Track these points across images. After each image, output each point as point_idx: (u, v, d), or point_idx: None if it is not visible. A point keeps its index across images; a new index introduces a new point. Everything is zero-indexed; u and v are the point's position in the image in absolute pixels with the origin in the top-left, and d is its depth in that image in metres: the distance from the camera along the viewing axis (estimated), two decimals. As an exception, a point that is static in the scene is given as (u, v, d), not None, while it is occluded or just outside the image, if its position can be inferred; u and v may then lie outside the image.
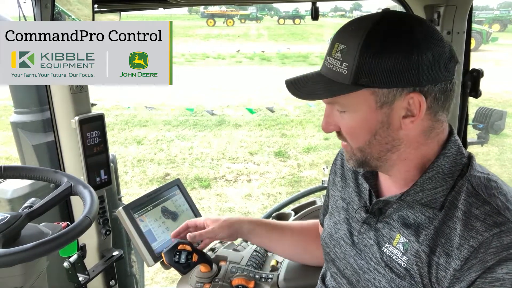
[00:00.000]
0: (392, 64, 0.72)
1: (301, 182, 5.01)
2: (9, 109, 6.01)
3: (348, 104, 0.78)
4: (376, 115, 0.76)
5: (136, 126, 7.19)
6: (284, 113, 8.08)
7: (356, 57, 0.73)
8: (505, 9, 28.81)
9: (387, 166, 0.83)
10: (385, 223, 0.85)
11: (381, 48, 0.72)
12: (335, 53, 0.76)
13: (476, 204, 0.73)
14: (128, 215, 1.18)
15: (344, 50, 0.75)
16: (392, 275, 0.80)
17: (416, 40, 0.73)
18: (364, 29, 0.74)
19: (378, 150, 0.80)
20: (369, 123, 0.78)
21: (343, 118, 0.80)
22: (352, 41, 0.74)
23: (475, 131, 4.09)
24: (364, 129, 0.79)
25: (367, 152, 0.81)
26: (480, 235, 0.70)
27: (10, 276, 0.98)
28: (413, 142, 0.79)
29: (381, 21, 0.75)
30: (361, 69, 0.73)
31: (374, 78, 0.73)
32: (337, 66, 0.75)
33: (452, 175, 0.78)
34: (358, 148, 0.81)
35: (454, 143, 0.81)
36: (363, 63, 0.72)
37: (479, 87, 1.40)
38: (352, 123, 0.79)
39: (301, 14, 33.40)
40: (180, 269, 1.14)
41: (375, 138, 0.79)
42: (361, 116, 0.77)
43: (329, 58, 0.78)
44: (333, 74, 0.76)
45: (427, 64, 0.72)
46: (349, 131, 0.81)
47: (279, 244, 1.20)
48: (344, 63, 0.74)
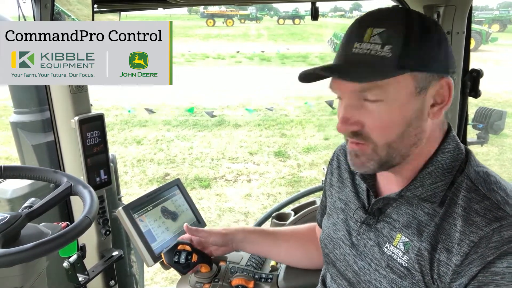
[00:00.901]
0: (431, 48, 0.73)
1: (301, 182, 5.01)
2: (9, 109, 6.00)
3: (387, 90, 0.73)
4: (414, 102, 0.75)
5: (136, 126, 7.19)
6: (284, 113, 8.08)
7: (402, 39, 0.72)
8: (504, 9, 28.83)
9: (404, 164, 0.80)
10: (385, 223, 0.85)
11: (421, 32, 0.73)
12: (369, 38, 0.73)
13: (476, 199, 0.74)
14: (128, 215, 1.18)
15: (384, 33, 0.72)
16: (393, 276, 0.80)
17: (440, 31, 0.76)
18: (399, 14, 0.75)
19: (407, 145, 0.77)
20: (406, 111, 0.75)
21: (374, 109, 0.75)
22: (393, 24, 0.73)
23: (474, 131, 4.09)
24: (399, 119, 0.75)
25: (394, 148, 0.76)
26: (480, 230, 0.70)
27: (9, 276, 0.98)
28: (430, 135, 0.79)
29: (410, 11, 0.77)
30: (407, 52, 0.72)
31: (419, 61, 0.73)
32: (376, 50, 0.72)
33: (451, 170, 0.78)
34: (386, 143, 0.76)
35: (452, 139, 0.81)
36: (408, 45, 0.72)
37: (479, 87, 1.40)
38: (387, 113, 0.74)
39: (301, 14, 33.41)
40: (180, 269, 1.14)
41: (408, 129, 0.76)
42: (399, 104, 0.74)
43: (361, 44, 0.74)
44: (372, 58, 0.73)
45: (450, 53, 0.76)
46: (381, 123, 0.75)
47: (274, 251, 1.21)
48: (386, 45, 0.72)
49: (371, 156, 0.78)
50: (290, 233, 1.23)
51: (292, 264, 1.24)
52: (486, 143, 4.07)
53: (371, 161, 0.78)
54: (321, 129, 7.04)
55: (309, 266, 1.22)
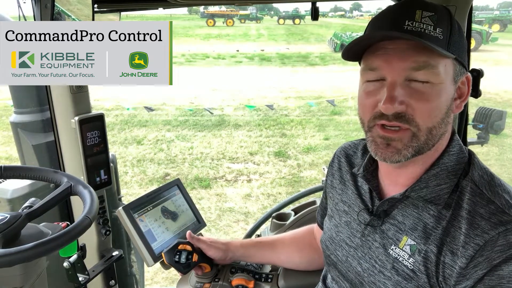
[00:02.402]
0: (464, 42, 0.77)
1: (301, 182, 5.01)
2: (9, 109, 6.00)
3: (439, 71, 0.72)
4: (452, 89, 0.76)
5: (136, 126, 7.19)
6: (284, 113, 8.07)
7: (449, 25, 0.75)
8: (505, 9, 28.85)
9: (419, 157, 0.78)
10: (390, 224, 0.84)
11: (458, 27, 0.77)
12: (420, 18, 0.73)
13: (480, 203, 0.74)
14: (128, 215, 1.18)
15: (434, 16, 0.74)
16: (398, 278, 0.80)
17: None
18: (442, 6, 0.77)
19: (441, 133, 0.77)
20: (447, 96, 0.75)
21: (422, 90, 0.73)
22: (441, 11, 0.75)
23: (475, 131, 4.09)
24: (443, 103, 0.74)
25: (433, 134, 0.75)
26: (485, 234, 0.70)
27: (10, 276, 0.98)
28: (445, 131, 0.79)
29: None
30: (452, 38, 0.75)
31: (459, 50, 0.76)
32: (430, 30, 0.73)
33: (455, 173, 0.79)
34: (428, 128, 0.74)
35: (457, 142, 0.82)
36: (453, 32, 0.75)
37: (479, 87, 1.40)
38: (434, 95, 0.72)
39: (301, 14, 33.43)
40: (180, 269, 1.14)
41: (447, 115, 0.76)
42: (443, 88, 0.74)
43: (413, 23, 0.72)
44: (428, 37, 0.72)
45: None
46: (429, 105, 0.73)
47: (273, 259, 1.23)
48: (438, 28, 0.73)
49: (410, 142, 0.75)
50: (288, 239, 1.24)
51: (293, 268, 1.25)
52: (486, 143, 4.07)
53: (409, 148, 0.75)
54: (321, 129, 7.04)
55: (310, 268, 1.23)
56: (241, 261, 1.26)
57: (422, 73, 0.72)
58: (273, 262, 1.26)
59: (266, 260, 1.25)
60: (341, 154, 1.05)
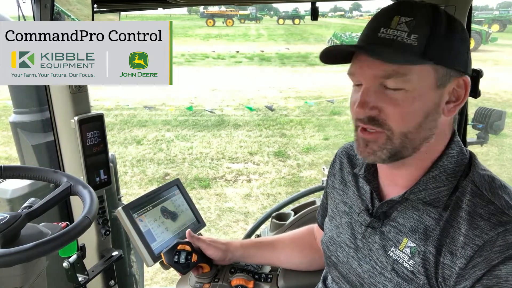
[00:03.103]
0: (454, 44, 0.74)
1: (300, 182, 5.01)
2: (9, 109, 6.00)
3: (410, 79, 0.73)
4: (433, 95, 0.75)
5: (136, 126, 7.19)
6: (284, 113, 8.08)
7: (428, 30, 0.73)
8: (504, 9, 28.87)
9: (411, 159, 0.79)
10: (390, 226, 0.84)
11: (447, 27, 0.74)
12: (396, 25, 0.74)
13: (480, 204, 0.74)
14: (127, 215, 1.18)
15: (411, 22, 0.73)
16: (398, 279, 0.80)
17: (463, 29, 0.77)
18: (427, 7, 0.75)
19: (421, 137, 0.77)
20: (425, 102, 0.75)
21: (395, 96, 0.74)
22: (421, 15, 0.74)
23: (474, 131, 4.09)
24: (418, 110, 0.74)
25: (410, 138, 0.76)
26: (485, 234, 0.70)
27: (9, 276, 0.98)
28: (440, 134, 0.79)
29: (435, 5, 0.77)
30: (431, 43, 0.73)
31: (441, 55, 0.73)
32: (402, 37, 0.73)
33: (455, 175, 0.78)
34: (402, 133, 0.76)
35: (457, 144, 0.81)
36: (433, 37, 0.73)
37: (479, 87, 1.40)
38: (407, 102, 0.74)
39: (301, 14, 33.44)
40: (180, 269, 1.14)
41: (425, 121, 0.76)
42: (419, 94, 0.74)
43: (387, 30, 0.74)
44: (398, 44, 0.73)
45: (469, 53, 0.78)
46: (401, 111, 0.74)
47: (273, 259, 1.23)
48: (413, 34, 0.73)
49: (385, 144, 0.77)
50: (288, 239, 1.24)
51: (293, 268, 1.25)
52: (486, 143, 4.07)
53: (383, 149, 0.77)
54: (321, 129, 7.04)
55: (310, 269, 1.23)
56: (241, 261, 1.26)
57: (392, 80, 0.74)
58: (272, 262, 1.26)
59: (265, 260, 1.25)
60: (342, 154, 1.05)
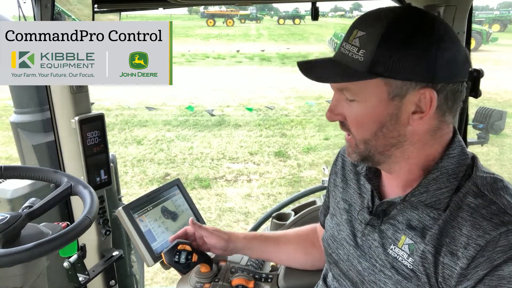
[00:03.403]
0: (410, 55, 0.72)
1: (301, 182, 5.01)
2: (9, 109, 6.00)
3: (360, 92, 0.76)
4: (387, 107, 0.75)
5: (136, 126, 7.19)
6: (284, 113, 8.07)
7: (375, 45, 0.72)
8: (505, 9, 28.88)
9: (389, 163, 0.82)
10: (389, 224, 0.84)
11: (402, 39, 0.72)
12: (352, 40, 0.75)
13: (482, 204, 0.73)
14: (128, 215, 1.18)
15: (363, 37, 0.74)
16: (398, 277, 0.80)
17: (437, 35, 0.73)
18: (386, 19, 0.73)
19: (383, 144, 0.79)
20: (377, 114, 0.76)
21: (351, 106, 0.78)
22: (373, 29, 0.73)
23: (475, 131, 4.09)
24: (371, 120, 0.77)
25: (371, 145, 0.79)
26: (487, 234, 0.70)
27: (10, 276, 0.98)
28: (418, 141, 0.79)
29: (403, 13, 0.76)
30: (379, 58, 0.72)
31: (391, 68, 0.72)
32: (353, 53, 0.74)
33: (456, 176, 0.78)
34: (362, 139, 0.80)
35: (458, 144, 0.81)
36: (381, 52, 0.72)
37: (479, 87, 1.40)
38: (360, 113, 0.77)
39: (301, 14, 33.44)
40: (180, 269, 1.14)
41: (382, 130, 0.77)
42: (371, 106, 0.76)
43: (345, 44, 0.77)
44: (349, 60, 0.75)
45: (444, 61, 0.72)
46: (356, 120, 0.79)
47: (276, 255, 1.21)
48: (361, 50, 0.73)
49: (354, 148, 0.83)
50: (292, 236, 1.23)
51: (294, 266, 1.24)
52: (486, 143, 4.07)
53: (354, 153, 0.83)
54: (321, 129, 7.03)
55: (311, 268, 1.22)
56: (243, 254, 1.23)
57: (348, 93, 0.78)
58: (274, 259, 1.24)
59: (268, 256, 1.22)
60: (345, 153, 1.05)
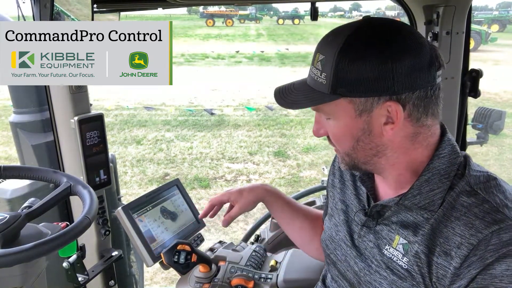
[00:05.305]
0: (366, 73, 0.73)
1: (300, 182, 5.01)
2: (9, 109, 6.00)
3: (330, 112, 0.80)
4: (357, 123, 0.78)
5: (136, 126, 7.19)
6: (284, 113, 8.08)
7: (333, 66, 0.74)
8: (504, 9, 28.89)
9: (377, 169, 0.85)
10: (384, 225, 0.85)
11: (356, 56, 0.73)
12: (316, 63, 0.78)
13: (475, 203, 0.74)
14: (127, 215, 1.18)
15: (323, 60, 0.76)
16: (393, 277, 0.80)
17: (391, 48, 0.73)
18: (340, 38, 0.75)
19: (364, 155, 0.82)
20: (350, 130, 0.80)
21: (329, 124, 0.83)
22: (329, 51, 0.75)
23: (474, 131, 4.09)
24: (347, 136, 0.81)
25: (353, 157, 0.83)
26: (479, 233, 0.70)
27: (9, 276, 0.98)
28: (399, 148, 0.80)
29: (358, 30, 0.76)
30: (338, 79, 0.75)
31: (351, 88, 0.74)
32: (318, 76, 0.78)
33: (448, 175, 0.78)
34: (345, 153, 0.84)
35: (448, 143, 0.81)
36: (339, 72, 0.74)
37: (478, 87, 1.40)
38: (335, 130, 0.82)
39: (300, 14, 33.43)
40: (179, 269, 1.14)
41: (358, 144, 0.81)
42: (343, 123, 0.80)
43: (312, 68, 0.80)
44: (315, 83, 0.79)
45: (403, 72, 0.72)
46: (334, 137, 0.83)
47: (288, 226, 1.20)
48: (323, 73, 0.76)
49: (341, 159, 0.87)
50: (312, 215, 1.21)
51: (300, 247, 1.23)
52: (486, 143, 4.07)
53: (342, 163, 0.87)
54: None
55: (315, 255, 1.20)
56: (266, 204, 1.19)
57: (322, 112, 0.82)
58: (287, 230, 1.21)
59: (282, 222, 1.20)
60: None
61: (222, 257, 1.30)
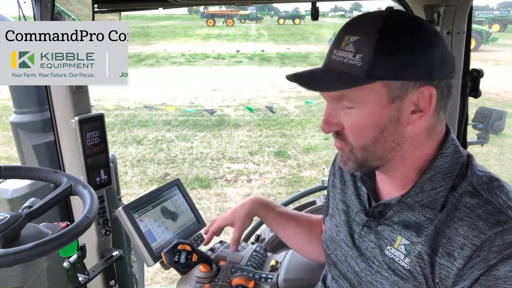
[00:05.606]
0: (407, 57, 0.72)
1: (301, 182, 5.01)
2: (9, 109, 6.00)
3: (358, 98, 0.75)
4: (387, 110, 0.75)
5: (136, 126, 7.19)
6: (284, 113, 8.07)
7: (372, 48, 0.71)
8: (505, 9, 28.86)
9: (387, 167, 0.82)
10: (385, 225, 0.85)
11: (397, 41, 0.72)
12: (345, 46, 0.74)
13: (478, 204, 0.73)
14: (127, 215, 1.18)
15: (357, 41, 0.73)
16: (395, 278, 0.80)
17: (428, 36, 0.74)
18: (379, 22, 0.73)
19: (383, 149, 0.78)
20: (378, 118, 0.76)
21: (349, 114, 0.77)
22: (368, 33, 0.73)
23: (475, 131, 4.09)
24: (372, 125, 0.76)
25: (370, 151, 0.79)
26: (483, 234, 0.70)
27: (10, 276, 0.98)
28: (416, 140, 0.79)
29: (392, 16, 0.76)
30: (377, 61, 0.71)
31: (390, 70, 0.72)
32: (349, 58, 0.74)
33: (451, 174, 0.78)
34: (361, 146, 0.79)
35: (452, 143, 0.81)
36: (379, 55, 0.71)
37: (479, 87, 1.40)
38: (360, 119, 0.77)
39: (301, 14, 33.44)
40: (180, 269, 1.14)
41: (382, 135, 0.77)
42: (371, 111, 0.75)
43: (338, 52, 0.76)
44: (345, 66, 0.74)
45: (437, 59, 0.74)
46: (356, 128, 0.78)
47: (283, 232, 1.22)
48: (357, 54, 0.73)
49: (349, 156, 0.81)
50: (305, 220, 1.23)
51: (297, 251, 1.25)
52: (486, 143, 4.06)
53: (349, 160, 0.82)
54: (320, 129, 7.02)
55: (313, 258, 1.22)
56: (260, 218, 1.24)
57: (346, 100, 0.77)
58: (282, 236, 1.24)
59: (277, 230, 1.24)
60: None
61: (222, 257, 1.30)
